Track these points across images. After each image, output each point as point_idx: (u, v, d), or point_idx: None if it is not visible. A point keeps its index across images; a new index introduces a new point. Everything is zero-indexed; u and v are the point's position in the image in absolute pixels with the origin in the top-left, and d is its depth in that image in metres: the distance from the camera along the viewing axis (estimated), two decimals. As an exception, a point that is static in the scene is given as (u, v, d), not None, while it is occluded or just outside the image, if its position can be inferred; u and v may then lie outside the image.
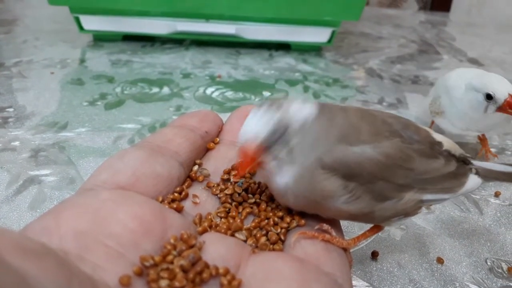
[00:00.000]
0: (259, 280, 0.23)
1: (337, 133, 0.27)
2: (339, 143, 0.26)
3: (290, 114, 0.26)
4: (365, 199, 0.27)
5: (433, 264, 0.40)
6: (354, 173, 0.26)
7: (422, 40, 1.01)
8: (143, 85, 0.71)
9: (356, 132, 0.27)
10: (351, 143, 0.27)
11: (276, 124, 0.26)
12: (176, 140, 0.32)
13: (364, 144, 0.27)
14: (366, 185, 0.27)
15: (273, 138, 0.26)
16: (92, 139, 0.56)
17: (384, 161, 0.27)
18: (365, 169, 0.26)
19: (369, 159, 0.26)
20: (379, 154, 0.27)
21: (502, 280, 0.38)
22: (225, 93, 0.71)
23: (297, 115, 0.27)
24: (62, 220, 0.22)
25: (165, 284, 0.22)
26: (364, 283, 0.37)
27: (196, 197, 0.31)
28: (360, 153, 0.26)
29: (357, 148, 0.26)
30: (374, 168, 0.27)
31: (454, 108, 0.52)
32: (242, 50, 0.88)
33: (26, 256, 0.17)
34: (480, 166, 0.33)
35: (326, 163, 0.26)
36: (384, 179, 0.27)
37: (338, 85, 0.76)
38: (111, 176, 0.27)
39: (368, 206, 0.27)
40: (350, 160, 0.26)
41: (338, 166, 0.26)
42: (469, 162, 0.33)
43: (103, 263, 0.21)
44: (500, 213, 0.47)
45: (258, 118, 0.26)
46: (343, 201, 0.26)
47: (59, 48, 0.85)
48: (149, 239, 0.24)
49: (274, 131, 0.26)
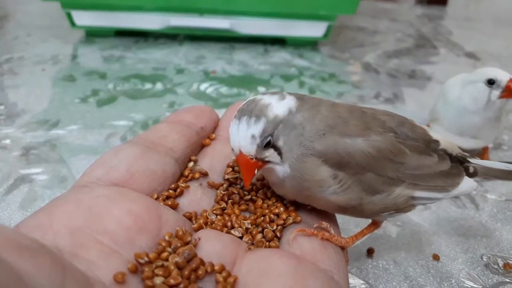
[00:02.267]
0: (255, 276, 0.23)
1: (325, 123, 0.27)
2: (330, 133, 0.27)
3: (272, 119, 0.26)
4: (354, 190, 0.27)
5: (429, 260, 0.39)
6: (343, 162, 0.27)
7: (419, 34, 1.00)
8: (136, 81, 0.71)
9: (343, 124, 0.28)
10: (341, 134, 0.27)
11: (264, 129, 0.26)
12: (171, 136, 0.32)
13: (355, 136, 0.27)
14: (355, 176, 0.27)
15: (264, 141, 0.26)
16: (84, 137, 0.55)
17: (374, 154, 0.27)
18: (354, 159, 0.27)
19: (359, 150, 0.27)
20: (370, 147, 0.27)
21: (498, 276, 0.38)
22: (220, 89, 0.70)
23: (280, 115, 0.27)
24: (55, 217, 0.22)
25: (160, 281, 0.22)
26: (360, 281, 0.37)
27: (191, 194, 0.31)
28: (351, 144, 0.27)
29: (349, 139, 0.27)
30: (363, 159, 0.27)
31: (450, 111, 0.51)
32: (236, 45, 0.88)
33: (20, 253, 0.17)
34: (479, 165, 0.33)
35: (318, 150, 0.26)
36: (374, 171, 0.27)
37: (334, 80, 0.75)
38: (105, 172, 0.27)
39: (357, 198, 0.27)
40: (341, 148, 0.27)
41: (329, 154, 0.26)
42: (467, 162, 0.32)
43: (97, 260, 0.21)
44: (496, 208, 0.46)
45: (243, 130, 0.26)
46: (332, 191, 0.27)
47: (50, 44, 0.84)
48: (144, 236, 0.24)
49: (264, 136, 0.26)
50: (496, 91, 0.47)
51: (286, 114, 0.27)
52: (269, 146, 0.26)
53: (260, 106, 0.27)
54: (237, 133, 0.26)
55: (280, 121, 0.26)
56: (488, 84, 0.48)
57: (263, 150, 0.26)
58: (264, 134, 0.26)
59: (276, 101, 0.27)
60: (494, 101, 0.48)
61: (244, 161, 0.27)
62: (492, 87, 0.48)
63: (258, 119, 0.26)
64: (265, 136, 0.26)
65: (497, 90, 0.47)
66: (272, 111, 0.26)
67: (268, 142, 0.26)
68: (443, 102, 0.52)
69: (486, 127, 0.51)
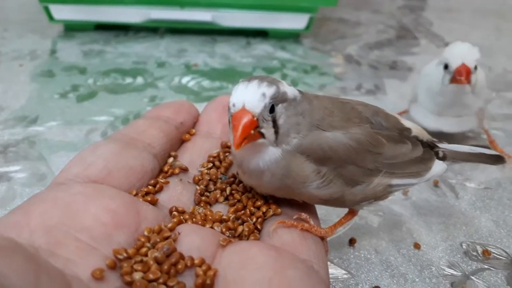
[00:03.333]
0: (235, 269, 0.23)
1: (316, 117, 0.27)
2: (315, 128, 0.27)
3: (282, 92, 0.26)
4: (336, 183, 0.27)
5: (410, 249, 0.40)
6: (326, 157, 0.27)
7: (400, 25, 1.01)
8: (116, 76, 0.70)
9: (330, 116, 0.28)
10: (325, 128, 0.27)
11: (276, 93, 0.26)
12: (150, 132, 0.32)
13: (336, 130, 0.27)
14: (337, 170, 0.27)
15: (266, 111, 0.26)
16: (64, 133, 0.54)
17: (355, 146, 0.27)
18: (336, 153, 0.27)
19: (340, 144, 0.27)
20: (350, 139, 0.27)
21: (477, 263, 0.39)
22: (202, 82, 0.69)
23: (288, 94, 0.27)
24: (32, 215, 0.22)
25: (139, 276, 0.22)
26: (341, 271, 0.37)
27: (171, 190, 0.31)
28: (332, 138, 0.27)
29: (329, 133, 0.27)
30: (345, 152, 0.27)
31: (422, 89, 0.51)
32: (218, 38, 0.87)
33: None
34: (447, 149, 0.34)
35: (303, 147, 0.27)
36: (354, 163, 0.28)
37: (316, 72, 0.76)
38: (82, 169, 0.27)
39: (339, 191, 0.28)
40: (323, 144, 0.27)
41: (312, 150, 0.27)
42: (436, 146, 0.33)
43: (75, 257, 0.21)
44: (475, 197, 0.47)
45: (254, 88, 0.26)
46: (315, 186, 0.27)
47: (28, 39, 0.82)
48: (122, 232, 0.24)
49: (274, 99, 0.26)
50: (448, 76, 0.47)
51: (293, 98, 0.27)
52: (271, 116, 0.26)
53: (272, 79, 0.27)
54: (244, 90, 0.26)
55: (286, 100, 0.27)
56: (444, 68, 0.47)
57: (265, 116, 0.26)
58: (274, 96, 0.26)
59: (286, 83, 0.28)
60: (446, 85, 0.47)
61: (245, 117, 0.25)
62: (445, 72, 0.47)
63: (271, 84, 0.26)
64: (273, 100, 0.26)
65: (449, 74, 0.47)
66: (284, 86, 0.27)
67: (272, 109, 0.26)
68: (421, 80, 0.52)
69: (458, 108, 0.50)
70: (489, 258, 0.39)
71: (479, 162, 0.36)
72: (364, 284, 0.36)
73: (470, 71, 0.45)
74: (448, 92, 0.48)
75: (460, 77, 0.45)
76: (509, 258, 0.39)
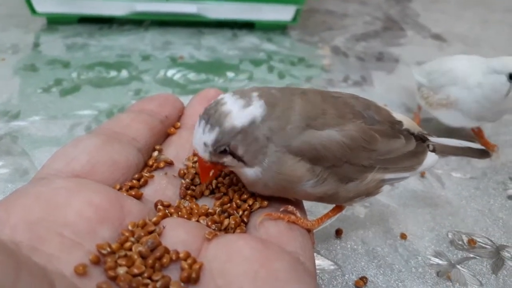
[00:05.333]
0: (221, 262, 0.23)
1: (300, 117, 0.27)
2: (306, 127, 0.26)
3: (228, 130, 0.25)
4: (331, 181, 0.27)
5: (396, 240, 0.40)
6: (320, 156, 0.26)
7: (386, 16, 1.01)
8: (101, 69, 0.68)
9: (322, 114, 0.27)
10: (318, 127, 0.27)
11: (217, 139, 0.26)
12: (134, 126, 0.31)
13: (329, 128, 0.27)
14: (332, 168, 0.27)
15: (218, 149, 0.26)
16: (47, 128, 0.53)
17: (349, 144, 0.27)
18: (331, 152, 0.27)
19: (335, 142, 0.27)
20: (344, 137, 0.27)
21: (463, 252, 0.39)
22: (187, 75, 0.69)
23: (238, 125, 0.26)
24: (13, 211, 0.22)
25: (123, 271, 0.22)
26: (328, 262, 0.37)
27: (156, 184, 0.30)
28: (327, 137, 0.27)
29: (323, 132, 0.27)
30: (340, 151, 0.27)
31: (470, 97, 0.49)
32: (204, 30, 0.86)
33: None
34: (437, 143, 0.34)
35: (294, 148, 0.26)
36: (349, 161, 0.27)
37: (303, 64, 0.75)
38: (65, 164, 0.27)
39: (333, 188, 0.28)
40: (317, 143, 0.26)
41: (306, 150, 0.26)
42: (427, 139, 0.33)
43: (57, 253, 0.21)
44: (461, 186, 0.47)
45: (199, 135, 0.26)
46: (311, 185, 0.27)
47: (10, 33, 0.80)
48: (106, 226, 0.23)
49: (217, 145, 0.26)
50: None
51: (247, 125, 0.25)
52: (226, 153, 0.26)
53: (219, 113, 0.26)
54: (195, 135, 0.27)
55: (238, 132, 0.25)
56: (510, 79, 0.46)
57: (219, 157, 0.26)
58: (216, 144, 0.26)
59: (238, 109, 0.26)
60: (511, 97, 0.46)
61: (200, 162, 0.27)
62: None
63: (212, 128, 0.25)
64: (218, 145, 0.26)
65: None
66: (230, 121, 0.25)
67: (224, 150, 0.26)
68: (462, 86, 0.50)
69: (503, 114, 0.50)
70: (475, 247, 0.40)
71: (466, 156, 0.36)
72: (351, 275, 0.36)
73: None
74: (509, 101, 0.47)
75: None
76: (494, 246, 0.40)
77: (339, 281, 0.36)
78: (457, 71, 0.50)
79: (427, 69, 0.55)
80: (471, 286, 0.36)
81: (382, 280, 0.36)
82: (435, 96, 0.53)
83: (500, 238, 0.41)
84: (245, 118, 0.26)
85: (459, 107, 0.50)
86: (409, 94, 0.66)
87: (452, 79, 0.51)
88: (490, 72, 0.47)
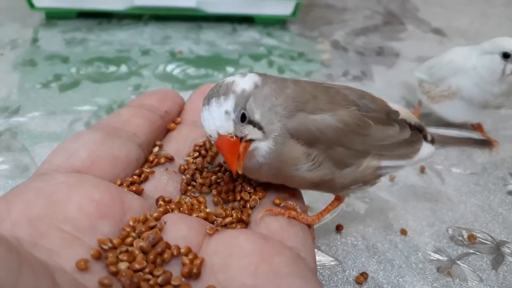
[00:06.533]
0: (222, 257, 0.23)
1: (295, 99, 0.27)
2: (301, 111, 0.27)
3: (240, 93, 0.26)
4: (326, 166, 0.28)
5: (397, 235, 0.40)
6: (315, 139, 0.27)
7: (386, 11, 1.01)
8: (100, 64, 0.68)
9: (312, 99, 0.28)
10: (311, 111, 0.27)
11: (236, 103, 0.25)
12: (134, 121, 0.31)
13: (323, 112, 0.27)
14: (327, 152, 0.27)
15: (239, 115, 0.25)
16: (47, 124, 0.53)
17: (342, 128, 0.27)
18: (324, 134, 0.27)
19: (328, 126, 0.27)
20: (337, 121, 0.27)
21: (463, 247, 0.39)
22: (187, 70, 0.68)
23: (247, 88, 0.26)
24: (13, 206, 0.22)
25: (125, 266, 0.22)
26: (329, 258, 0.37)
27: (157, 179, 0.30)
28: (320, 120, 0.27)
29: (316, 115, 0.27)
30: (333, 134, 0.27)
31: (469, 81, 0.49)
32: (204, 24, 0.86)
33: None
34: (436, 133, 0.34)
35: (291, 130, 0.26)
36: (343, 145, 0.28)
37: (303, 59, 0.75)
38: (65, 159, 0.27)
39: (329, 173, 0.28)
40: (311, 126, 0.27)
41: (301, 132, 0.27)
42: (424, 130, 0.33)
43: (58, 248, 0.21)
44: (461, 182, 0.47)
45: (216, 110, 0.25)
46: (306, 169, 0.27)
47: (8, 28, 0.80)
48: (107, 222, 0.23)
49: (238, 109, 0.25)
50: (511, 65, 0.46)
51: (253, 88, 0.26)
52: (246, 121, 0.26)
53: (225, 85, 0.26)
54: (209, 116, 0.25)
55: (249, 95, 0.26)
56: (504, 57, 0.46)
57: (241, 127, 0.25)
58: (237, 108, 0.25)
59: (239, 78, 0.27)
60: (508, 74, 0.47)
61: (225, 142, 0.25)
62: (507, 61, 0.46)
63: (226, 96, 0.25)
64: (238, 110, 0.25)
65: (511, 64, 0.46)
66: (238, 86, 0.26)
67: (244, 116, 0.26)
68: (461, 74, 0.50)
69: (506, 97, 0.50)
70: (475, 243, 0.40)
71: (467, 146, 0.36)
72: (351, 271, 0.36)
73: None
74: (510, 81, 0.47)
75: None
76: (494, 242, 0.40)
77: (339, 276, 0.36)
78: (456, 61, 0.51)
79: (427, 65, 0.55)
80: (471, 282, 0.36)
81: (383, 276, 0.36)
82: (437, 89, 0.53)
83: (500, 234, 0.41)
84: (248, 83, 0.27)
85: (462, 95, 0.50)
86: (409, 89, 0.66)
87: (452, 69, 0.51)
88: (484, 54, 0.48)
